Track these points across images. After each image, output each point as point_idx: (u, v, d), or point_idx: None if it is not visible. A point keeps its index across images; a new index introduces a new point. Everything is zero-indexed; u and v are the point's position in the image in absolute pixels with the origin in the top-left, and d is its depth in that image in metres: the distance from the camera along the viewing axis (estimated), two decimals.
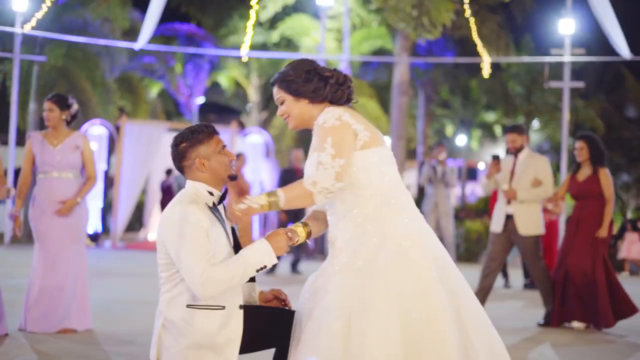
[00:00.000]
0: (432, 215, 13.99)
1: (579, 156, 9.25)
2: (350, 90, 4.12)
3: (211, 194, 4.13)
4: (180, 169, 4.19)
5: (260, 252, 3.93)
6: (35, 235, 7.54)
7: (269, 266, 3.97)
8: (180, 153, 4.13)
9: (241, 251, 3.98)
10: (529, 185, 9.23)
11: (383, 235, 3.87)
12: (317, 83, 4.03)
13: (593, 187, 9.12)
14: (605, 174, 9.12)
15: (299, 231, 4.08)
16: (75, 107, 7.70)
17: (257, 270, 3.93)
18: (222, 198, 4.20)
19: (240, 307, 4.05)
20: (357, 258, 3.87)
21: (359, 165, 3.91)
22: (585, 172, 9.25)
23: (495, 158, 9.32)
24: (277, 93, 4.14)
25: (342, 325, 3.75)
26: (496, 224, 9.40)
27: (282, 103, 4.13)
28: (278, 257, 4.02)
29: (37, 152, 7.55)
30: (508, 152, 9.58)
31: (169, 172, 20.84)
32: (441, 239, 13.87)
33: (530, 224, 9.21)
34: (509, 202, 9.26)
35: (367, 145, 3.91)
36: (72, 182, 7.59)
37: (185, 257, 3.90)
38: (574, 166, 9.45)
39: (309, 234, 4.14)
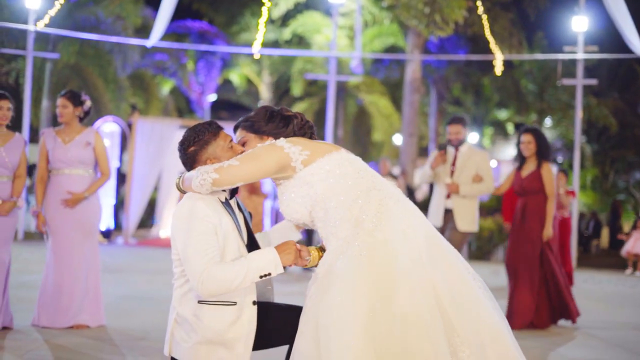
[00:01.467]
0: None
1: (525, 150, 8.93)
2: (312, 130, 4.26)
3: (223, 189, 4.13)
4: None
5: (267, 259, 3.94)
6: (49, 232, 7.57)
7: (274, 275, 3.97)
8: (190, 157, 4.14)
9: (248, 255, 3.98)
10: (470, 180, 9.05)
11: (353, 236, 3.86)
12: (279, 122, 4.18)
13: (536, 182, 8.86)
14: (547, 170, 8.84)
15: (311, 251, 4.08)
16: (88, 103, 7.73)
17: (261, 277, 3.93)
18: (233, 192, 4.21)
19: (254, 303, 4.06)
20: (331, 263, 3.88)
21: (311, 180, 3.97)
22: (529, 168, 8.98)
23: (442, 148, 9.12)
24: (240, 134, 4.25)
25: (312, 328, 3.77)
26: (435, 218, 9.20)
27: (244, 144, 4.21)
28: (285, 268, 4.04)
29: (50, 148, 7.58)
30: (449, 143, 9.30)
31: None
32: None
33: (469, 221, 9.06)
34: (448, 196, 9.08)
35: (309, 160, 3.98)
36: (84, 179, 7.61)
37: (189, 253, 3.92)
38: (519, 161, 9.13)
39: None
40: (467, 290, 3.88)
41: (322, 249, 4.12)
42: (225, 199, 4.11)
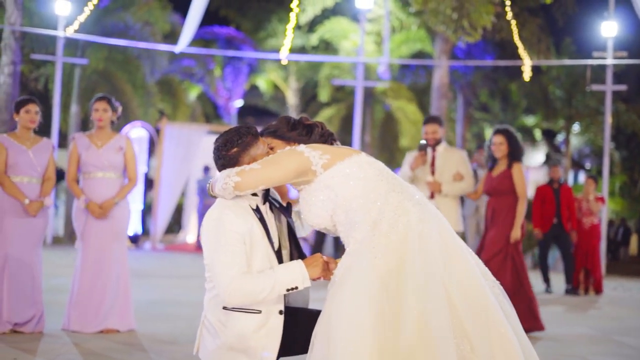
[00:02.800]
0: (472, 219, 13.85)
1: (497, 152, 8.78)
2: (333, 138, 4.34)
3: (255, 194, 4.15)
4: None
5: (295, 273, 3.97)
6: (79, 235, 7.62)
7: (301, 288, 4.00)
8: (232, 158, 4.13)
9: (276, 267, 4.01)
10: (451, 179, 8.87)
11: (369, 238, 3.88)
12: (302, 130, 4.27)
13: (505, 183, 8.68)
14: (519, 170, 8.66)
15: (339, 263, 4.09)
16: (120, 109, 7.84)
17: (288, 290, 3.96)
18: (266, 197, 4.23)
19: (280, 312, 4.06)
20: (347, 265, 3.90)
21: (332, 183, 4.00)
22: (500, 168, 8.82)
23: (422, 149, 8.87)
24: (266, 140, 4.29)
25: (326, 324, 3.80)
26: None
27: (271, 149, 4.25)
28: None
29: (83, 153, 7.63)
30: (426, 143, 9.03)
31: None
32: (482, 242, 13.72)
33: (454, 221, 8.79)
34: (432, 196, 8.84)
35: (329, 164, 4.02)
36: (115, 182, 7.68)
37: (217, 263, 3.94)
38: (491, 162, 8.98)
39: None
40: (481, 296, 3.87)
41: None
42: (257, 205, 4.12)
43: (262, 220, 4.10)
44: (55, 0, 17.79)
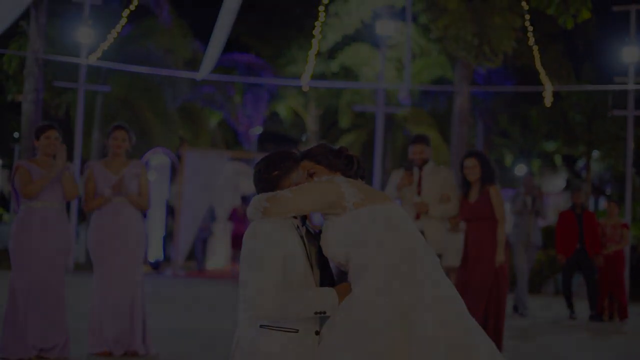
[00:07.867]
0: (521, 245, 13.70)
1: (470, 175, 8.49)
2: (364, 174, 4.39)
3: (294, 217, 4.17)
4: None
5: (326, 299, 3.98)
6: (95, 260, 7.69)
7: (328, 314, 4.00)
8: (272, 181, 4.15)
9: (310, 290, 4.02)
10: (437, 200, 8.66)
11: (379, 290, 3.93)
12: (344, 159, 4.30)
13: (485, 207, 8.41)
14: (496, 193, 8.39)
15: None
16: (134, 139, 8.03)
17: (315, 314, 3.97)
18: (304, 220, 4.24)
19: (316, 332, 4.05)
20: (349, 310, 3.97)
21: (358, 222, 4.03)
22: (476, 192, 8.54)
23: (409, 168, 8.72)
24: (308, 165, 4.30)
25: None
26: None
27: (312, 175, 4.28)
28: None
29: (99, 180, 7.75)
30: (413, 164, 8.84)
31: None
32: (522, 267, 13.64)
33: (439, 243, 8.60)
34: (417, 217, 8.61)
35: (362, 204, 4.05)
36: (131, 207, 7.83)
37: (256, 273, 3.92)
38: (465, 187, 8.69)
39: None
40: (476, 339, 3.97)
41: None
42: (297, 225, 4.14)
43: (302, 240, 4.12)
44: (78, 29, 17.95)
